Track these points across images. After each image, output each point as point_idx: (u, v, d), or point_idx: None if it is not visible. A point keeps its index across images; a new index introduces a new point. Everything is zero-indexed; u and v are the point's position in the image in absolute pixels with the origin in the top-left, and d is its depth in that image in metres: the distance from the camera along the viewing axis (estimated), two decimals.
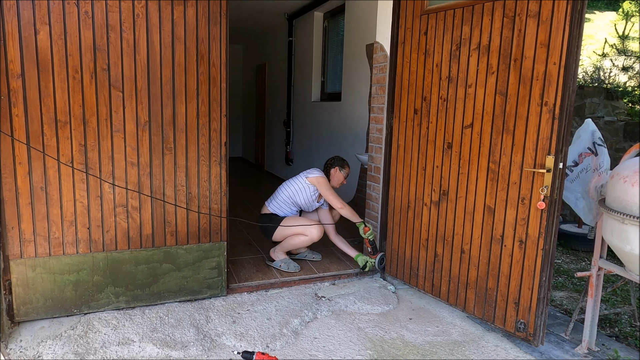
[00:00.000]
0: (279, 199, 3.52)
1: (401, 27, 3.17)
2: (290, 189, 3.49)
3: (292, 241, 3.47)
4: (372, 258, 3.45)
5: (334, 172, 3.59)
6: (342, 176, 3.60)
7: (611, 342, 2.75)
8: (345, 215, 3.42)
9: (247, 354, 2.35)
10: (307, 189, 3.46)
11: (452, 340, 2.70)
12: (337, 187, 3.62)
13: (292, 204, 3.52)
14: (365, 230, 3.38)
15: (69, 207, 2.64)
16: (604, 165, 2.65)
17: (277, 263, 3.49)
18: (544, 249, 2.40)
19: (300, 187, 3.47)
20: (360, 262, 3.46)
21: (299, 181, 3.49)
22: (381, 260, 3.46)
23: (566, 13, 2.22)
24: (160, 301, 2.91)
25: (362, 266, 3.45)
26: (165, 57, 2.70)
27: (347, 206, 3.41)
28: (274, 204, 3.53)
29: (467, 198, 2.77)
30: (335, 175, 3.59)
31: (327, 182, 3.45)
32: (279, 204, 3.52)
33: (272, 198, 3.58)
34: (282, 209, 3.52)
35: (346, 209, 3.40)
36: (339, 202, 3.39)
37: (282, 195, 3.51)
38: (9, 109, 2.45)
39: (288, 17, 6.81)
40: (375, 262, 3.43)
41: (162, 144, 2.78)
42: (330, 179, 3.59)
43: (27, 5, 2.40)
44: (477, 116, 2.68)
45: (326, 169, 3.60)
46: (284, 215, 3.52)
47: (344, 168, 3.62)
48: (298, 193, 3.47)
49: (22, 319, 2.64)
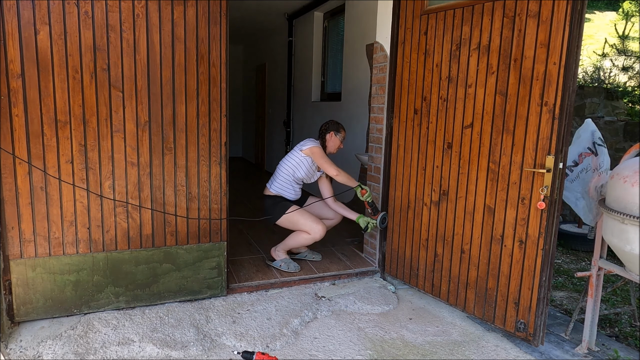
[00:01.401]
0: (280, 177, 3.45)
1: (401, 27, 3.17)
2: (288, 165, 3.42)
3: (296, 238, 3.45)
4: (373, 219, 3.39)
5: (329, 138, 3.50)
6: (338, 140, 3.51)
7: (611, 342, 2.75)
8: (342, 182, 3.36)
9: (247, 354, 2.36)
10: (305, 161, 3.40)
11: (452, 340, 2.70)
12: (334, 152, 3.55)
13: (293, 180, 3.45)
14: (362, 192, 3.32)
15: (69, 207, 2.64)
16: (604, 165, 2.65)
17: (278, 263, 3.49)
18: (544, 249, 2.40)
19: (297, 162, 3.40)
20: (362, 223, 3.40)
21: (295, 156, 3.42)
22: (383, 220, 3.39)
23: (566, 13, 2.22)
24: (160, 301, 2.91)
25: (363, 227, 3.39)
26: (165, 57, 2.70)
27: (343, 172, 3.35)
28: (276, 185, 3.47)
29: (467, 198, 2.77)
30: (331, 140, 3.50)
31: (321, 151, 3.37)
32: (281, 184, 3.45)
33: (273, 178, 3.52)
34: (284, 188, 3.45)
35: (342, 175, 3.33)
36: (334, 170, 3.32)
37: (282, 174, 3.45)
38: (9, 109, 2.45)
39: (288, 17, 6.81)
40: (377, 222, 3.37)
41: (162, 144, 2.78)
42: (327, 145, 3.51)
43: (27, 5, 2.40)
44: (477, 116, 2.68)
45: (321, 136, 3.52)
46: (289, 198, 3.46)
47: (340, 132, 3.52)
48: (297, 168, 3.41)
49: (22, 319, 2.64)
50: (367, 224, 3.39)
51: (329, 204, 3.62)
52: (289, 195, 3.48)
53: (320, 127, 3.57)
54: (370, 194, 3.35)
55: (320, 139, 3.52)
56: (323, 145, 3.50)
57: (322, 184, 3.64)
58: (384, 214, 3.39)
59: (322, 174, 3.61)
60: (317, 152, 3.36)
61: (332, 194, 3.63)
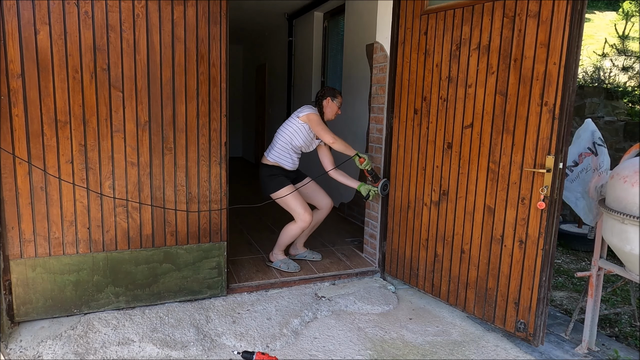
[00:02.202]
0: (278, 145, 3.39)
1: (401, 27, 3.17)
2: (286, 133, 3.36)
3: (286, 233, 3.44)
4: (374, 186, 3.36)
5: (326, 104, 3.42)
6: (335, 106, 3.44)
7: (611, 342, 2.75)
8: (339, 150, 3.29)
9: (247, 354, 2.35)
10: (302, 128, 3.33)
11: (452, 340, 2.70)
12: (332, 118, 3.48)
13: (291, 149, 3.38)
14: (360, 161, 3.26)
15: (69, 207, 2.64)
16: (604, 165, 2.65)
17: (277, 263, 3.48)
18: (544, 249, 2.40)
19: (295, 129, 3.34)
20: (363, 191, 3.37)
21: (292, 123, 3.35)
22: (384, 187, 3.35)
23: (566, 13, 2.22)
24: (160, 301, 2.91)
25: (365, 195, 3.36)
26: (165, 57, 2.70)
27: (339, 140, 3.29)
28: (274, 153, 3.40)
29: (467, 198, 2.77)
30: (328, 106, 3.43)
31: (318, 117, 3.31)
32: (279, 152, 3.38)
33: (270, 146, 3.45)
34: (282, 157, 3.38)
35: (338, 142, 3.27)
36: (330, 137, 3.26)
37: (280, 142, 3.38)
38: (9, 109, 2.45)
39: (288, 17, 6.80)
40: (378, 189, 3.34)
41: (162, 144, 2.78)
42: (324, 111, 3.44)
43: (27, 5, 2.40)
44: (477, 116, 2.68)
45: (318, 102, 3.45)
46: (287, 167, 3.40)
47: (336, 97, 3.42)
48: (294, 135, 3.34)
49: (22, 319, 2.64)
50: (369, 192, 3.35)
51: (331, 174, 3.54)
52: (286, 164, 3.40)
53: (316, 94, 3.49)
54: (369, 162, 3.29)
55: (317, 106, 3.44)
56: (320, 112, 3.42)
57: (322, 153, 3.55)
58: (385, 180, 3.35)
59: (321, 143, 3.53)
60: (314, 119, 3.28)
61: (333, 163, 3.55)
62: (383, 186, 3.35)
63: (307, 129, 3.34)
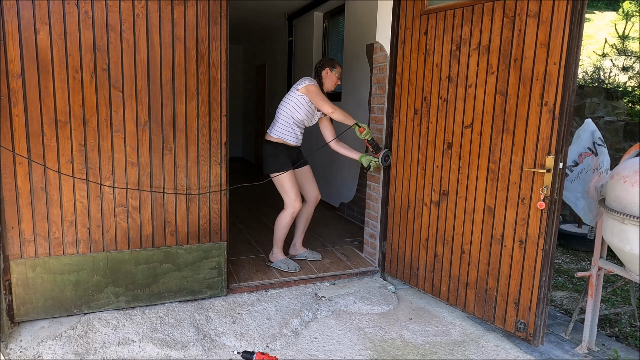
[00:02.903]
0: (280, 121, 3.37)
1: (401, 27, 3.17)
2: (287, 107, 3.33)
3: (280, 225, 3.44)
4: (375, 157, 3.34)
5: (325, 74, 3.41)
6: (334, 77, 3.40)
7: (611, 342, 2.75)
8: (339, 119, 3.24)
9: (247, 354, 2.35)
10: (303, 101, 3.31)
11: (452, 340, 2.70)
12: (332, 89, 3.45)
13: (293, 123, 3.35)
14: (360, 131, 3.19)
15: (69, 207, 2.64)
16: (604, 165, 2.65)
17: (277, 264, 3.48)
18: (544, 249, 2.40)
19: (296, 102, 3.32)
20: (365, 162, 3.35)
21: (292, 96, 3.33)
22: (385, 158, 3.31)
23: (566, 13, 2.22)
24: (160, 301, 2.91)
25: (366, 166, 3.34)
26: (165, 57, 2.70)
27: (338, 109, 3.25)
28: (277, 129, 3.37)
29: (467, 198, 2.77)
30: (327, 77, 3.41)
31: (317, 88, 3.28)
32: (282, 127, 3.36)
33: (273, 123, 3.43)
34: (286, 132, 3.36)
35: (337, 112, 3.23)
36: (329, 107, 3.22)
37: (281, 117, 3.36)
38: (9, 109, 2.45)
39: (288, 17, 6.80)
40: (380, 160, 3.30)
41: (162, 144, 2.78)
42: (323, 82, 3.42)
43: (27, 5, 2.40)
44: (477, 116, 2.68)
45: (317, 74, 3.43)
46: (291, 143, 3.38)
47: (335, 67, 3.39)
48: (296, 109, 3.32)
49: (22, 319, 2.64)
50: (370, 163, 3.32)
51: (332, 146, 3.53)
52: (290, 140, 3.38)
53: (315, 65, 3.48)
54: (369, 132, 3.22)
55: (316, 77, 3.43)
56: (320, 84, 3.41)
57: (323, 125, 3.55)
58: (386, 151, 3.31)
59: (322, 116, 3.52)
60: (313, 90, 3.26)
61: (334, 135, 3.54)
62: (384, 157, 3.30)
63: (307, 101, 3.31)
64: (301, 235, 3.72)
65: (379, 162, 3.31)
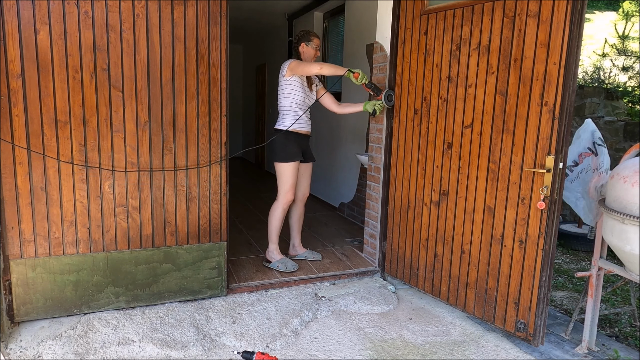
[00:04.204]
0: (283, 111, 3.37)
1: (401, 27, 3.17)
2: (284, 95, 3.33)
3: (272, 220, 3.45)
4: (378, 100, 3.29)
5: (302, 50, 3.41)
6: (312, 50, 3.39)
7: (611, 342, 2.75)
8: (329, 73, 3.16)
9: (247, 354, 2.36)
10: (294, 83, 3.31)
11: (452, 340, 2.70)
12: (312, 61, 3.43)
13: (297, 107, 3.33)
14: (355, 76, 3.10)
15: (69, 207, 2.64)
16: (604, 165, 2.65)
17: (275, 264, 3.47)
18: (544, 249, 2.40)
19: (289, 88, 3.31)
20: (369, 108, 3.31)
21: (282, 84, 3.33)
22: (389, 98, 3.25)
23: (566, 13, 2.22)
24: (160, 301, 2.91)
25: (372, 112, 3.30)
26: (165, 57, 2.70)
27: (325, 64, 3.19)
28: (285, 120, 3.36)
29: (467, 198, 2.77)
30: (304, 52, 3.41)
31: (296, 62, 3.27)
32: (289, 116, 3.34)
33: (279, 117, 3.41)
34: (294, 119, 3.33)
35: (325, 66, 3.17)
36: (316, 66, 3.18)
37: (284, 106, 3.36)
38: (9, 109, 2.45)
39: (288, 17, 6.80)
40: (383, 101, 3.25)
41: (162, 144, 2.78)
42: (302, 58, 3.42)
43: (27, 5, 2.40)
44: (477, 116, 2.68)
45: (295, 51, 3.43)
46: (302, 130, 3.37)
47: (311, 40, 3.36)
48: (292, 93, 3.31)
49: (22, 319, 2.64)
50: (374, 107, 3.28)
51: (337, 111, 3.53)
52: (301, 127, 3.37)
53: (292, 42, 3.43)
54: (365, 75, 3.13)
55: (295, 56, 3.44)
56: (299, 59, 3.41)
57: (324, 100, 3.54)
58: (388, 90, 3.25)
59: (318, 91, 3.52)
60: (294, 65, 3.25)
61: (336, 102, 3.55)
62: (387, 97, 3.23)
63: (297, 80, 3.31)
64: (298, 235, 3.71)
65: (382, 103, 3.26)
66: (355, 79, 3.12)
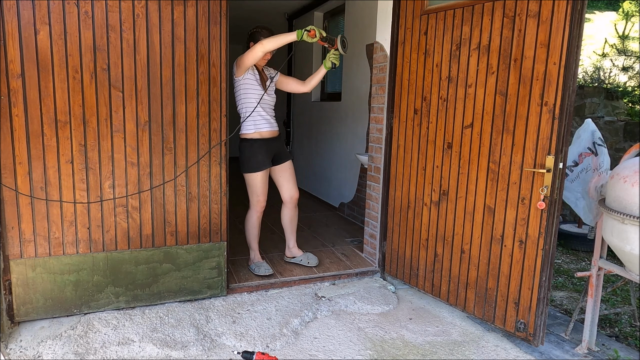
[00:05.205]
0: (243, 113, 3.23)
1: (401, 27, 3.17)
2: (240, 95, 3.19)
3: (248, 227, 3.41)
4: (333, 50, 3.09)
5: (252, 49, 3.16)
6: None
7: (611, 342, 2.76)
8: (274, 46, 2.96)
9: (247, 354, 2.35)
10: (246, 80, 3.16)
11: (452, 340, 2.70)
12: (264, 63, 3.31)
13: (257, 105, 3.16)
14: (311, 35, 2.85)
15: (69, 207, 2.64)
16: (604, 165, 2.65)
17: (252, 267, 3.42)
18: (544, 249, 2.40)
19: (242, 86, 3.17)
20: (328, 64, 3.17)
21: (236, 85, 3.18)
22: (343, 43, 3.02)
23: (566, 13, 2.22)
24: (160, 301, 2.91)
25: (330, 66, 3.16)
26: (165, 57, 2.70)
27: (264, 40, 2.96)
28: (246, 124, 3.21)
29: (467, 198, 2.77)
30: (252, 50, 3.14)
31: (239, 57, 3.11)
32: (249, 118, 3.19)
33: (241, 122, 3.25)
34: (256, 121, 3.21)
35: (266, 41, 2.94)
36: (259, 46, 2.94)
37: (243, 108, 3.21)
38: (9, 109, 2.45)
39: (288, 17, 6.80)
40: (339, 49, 3.03)
41: (162, 144, 2.78)
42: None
43: (27, 5, 2.40)
44: (477, 116, 2.68)
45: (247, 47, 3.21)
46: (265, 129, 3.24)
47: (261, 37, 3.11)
48: (247, 91, 3.15)
49: (22, 319, 2.64)
50: (331, 60, 3.14)
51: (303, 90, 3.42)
52: (264, 127, 3.22)
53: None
54: (319, 30, 2.88)
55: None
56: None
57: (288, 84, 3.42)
58: (340, 35, 3.05)
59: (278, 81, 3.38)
60: (238, 60, 3.11)
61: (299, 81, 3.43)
62: (341, 43, 3.02)
63: (247, 78, 3.16)
64: (292, 237, 3.63)
65: (339, 52, 3.09)
66: (312, 37, 2.86)
